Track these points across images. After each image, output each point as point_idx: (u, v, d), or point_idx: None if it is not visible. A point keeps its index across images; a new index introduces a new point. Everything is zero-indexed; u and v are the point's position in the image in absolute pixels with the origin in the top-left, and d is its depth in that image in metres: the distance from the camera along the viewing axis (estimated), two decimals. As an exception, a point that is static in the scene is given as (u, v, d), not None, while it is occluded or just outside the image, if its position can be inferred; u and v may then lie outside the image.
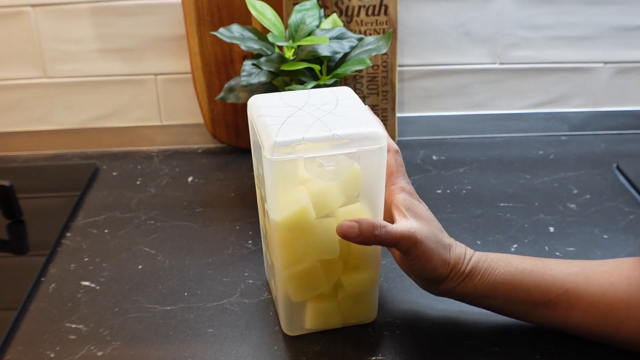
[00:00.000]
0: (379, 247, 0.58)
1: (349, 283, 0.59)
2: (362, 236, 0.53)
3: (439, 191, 0.84)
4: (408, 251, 0.54)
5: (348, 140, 0.52)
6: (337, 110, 0.56)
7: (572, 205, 0.80)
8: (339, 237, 0.53)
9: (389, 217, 0.57)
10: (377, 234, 0.53)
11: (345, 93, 0.59)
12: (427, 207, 0.58)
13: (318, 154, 0.52)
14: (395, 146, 0.59)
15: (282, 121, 0.53)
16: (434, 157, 0.93)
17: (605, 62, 0.97)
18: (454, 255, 0.56)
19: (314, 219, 0.54)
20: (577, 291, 0.55)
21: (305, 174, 0.54)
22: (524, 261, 0.57)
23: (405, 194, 0.57)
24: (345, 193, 0.55)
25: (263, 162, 0.53)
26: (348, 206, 0.55)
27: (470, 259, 0.57)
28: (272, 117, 0.54)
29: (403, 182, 0.58)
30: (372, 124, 0.54)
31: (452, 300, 0.64)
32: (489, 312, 0.62)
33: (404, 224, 0.54)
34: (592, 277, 0.56)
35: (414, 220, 0.55)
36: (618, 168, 0.89)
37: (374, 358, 0.58)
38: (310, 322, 0.60)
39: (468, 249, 0.58)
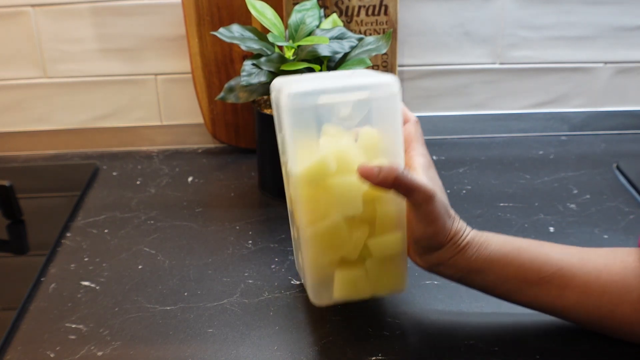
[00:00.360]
0: (404, 208, 0.58)
1: (376, 246, 0.58)
2: (382, 176, 0.53)
3: (439, 191, 0.84)
4: (420, 205, 0.54)
5: (361, 86, 0.55)
6: (354, 74, 0.60)
7: (572, 205, 0.80)
8: (361, 195, 0.55)
9: None
10: (398, 175, 0.53)
11: (365, 70, 0.64)
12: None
13: (333, 100, 0.54)
14: (415, 117, 0.60)
15: (301, 80, 0.58)
16: (434, 157, 0.93)
17: (605, 62, 0.97)
18: (455, 226, 0.57)
19: (335, 174, 0.55)
20: (571, 271, 0.55)
21: (324, 140, 0.56)
22: (519, 240, 0.58)
23: (424, 159, 0.58)
24: (367, 155, 0.57)
25: (282, 114, 0.55)
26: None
27: (468, 234, 0.57)
28: (290, 80, 0.58)
29: (422, 149, 0.59)
30: (385, 76, 0.56)
31: (452, 300, 0.64)
32: (488, 312, 0.62)
33: (422, 179, 0.55)
34: (587, 259, 0.56)
35: (430, 182, 0.56)
36: (618, 168, 0.89)
37: (374, 358, 0.58)
38: (338, 291, 0.59)
39: (467, 226, 0.58)
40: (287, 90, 0.54)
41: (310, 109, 0.54)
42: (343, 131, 0.56)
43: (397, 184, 0.53)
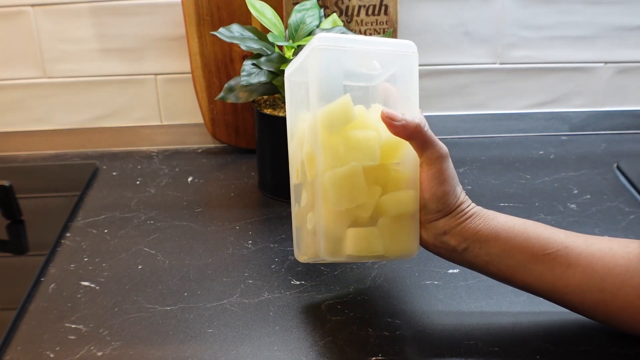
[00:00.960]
0: (417, 168, 0.58)
1: (389, 202, 0.58)
2: (405, 121, 0.55)
3: (439, 191, 0.84)
4: (434, 162, 0.56)
5: (386, 42, 0.58)
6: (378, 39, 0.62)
7: (573, 205, 0.80)
8: (379, 147, 0.57)
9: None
10: (419, 124, 0.55)
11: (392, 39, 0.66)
12: None
13: (361, 46, 0.57)
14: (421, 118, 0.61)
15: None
16: (434, 157, 0.93)
17: (605, 62, 0.97)
18: (462, 195, 0.59)
19: (354, 127, 0.57)
20: (576, 250, 0.55)
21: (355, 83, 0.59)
22: (525, 220, 0.58)
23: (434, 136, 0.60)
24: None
25: (311, 56, 0.57)
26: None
27: (475, 206, 0.59)
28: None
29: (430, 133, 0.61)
30: (405, 40, 0.59)
31: (452, 300, 0.64)
32: (488, 312, 0.62)
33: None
34: (592, 241, 0.56)
35: None
36: (618, 168, 0.89)
37: (374, 358, 0.58)
38: (351, 247, 0.58)
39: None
40: (319, 34, 0.56)
41: (338, 52, 0.56)
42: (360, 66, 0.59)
43: (416, 132, 0.55)
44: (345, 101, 0.56)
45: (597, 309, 0.56)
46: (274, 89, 0.80)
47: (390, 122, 0.55)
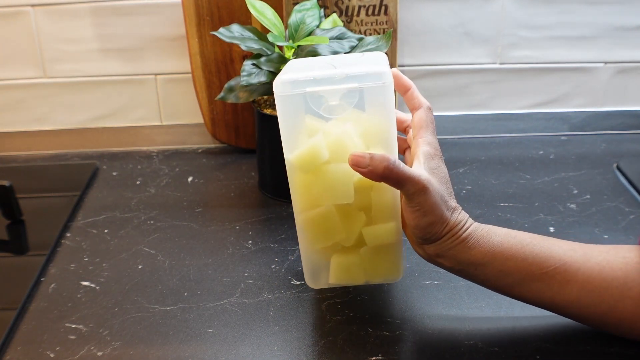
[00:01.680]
0: (398, 198, 0.58)
1: (370, 235, 0.58)
2: (372, 167, 0.53)
3: (439, 191, 0.84)
4: (412, 196, 0.54)
5: (352, 76, 0.54)
6: (355, 60, 0.59)
7: (572, 205, 0.80)
8: (353, 183, 0.56)
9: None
10: (387, 165, 0.52)
11: (375, 55, 0.61)
12: (446, 169, 0.58)
13: (321, 87, 0.55)
14: (427, 103, 0.60)
15: (298, 67, 0.58)
16: (434, 157, 0.93)
17: (605, 62, 0.97)
18: (454, 218, 0.56)
19: (327, 161, 0.56)
20: (574, 266, 0.55)
21: (317, 123, 0.56)
22: (522, 234, 0.57)
23: (429, 148, 0.57)
24: (365, 144, 0.57)
25: (275, 102, 0.55)
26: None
27: (469, 226, 0.56)
28: (292, 66, 0.59)
29: (430, 137, 0.58)
30: (379, 65, 0.55)
31: (452, 300, 0.64)
32: (488, 312, 0.62)
33: (417, 169, 0.55)
34: (590, 254, 0.56)
35: (429, 172, 0.55)
36: (618, 168, 0.89)
37: (374, 358, 0.58)
38: (334, 276, 0.60)
39: (470, 218, 0.58)
40: (279, 77, 0.55)
41: (298, 97, 0.55)
42: (327, 106, 0.56)
43: (386, 174, 0.53)
44: (314, 146, 0.55)
45: (596, 321, 0.56)
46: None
47: (357, 170, 0.53)
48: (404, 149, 0.65)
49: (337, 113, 0.56)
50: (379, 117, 0.56)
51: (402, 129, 0.65)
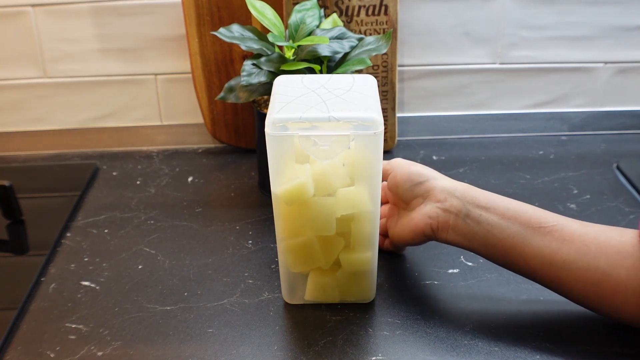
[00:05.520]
0: (376, 230, 0.61)
1: (346, 262, 0.62)
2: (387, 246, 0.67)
3: (439, 191, 0.84)
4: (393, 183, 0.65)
5: (342, 123, 0.55)
6: (347, 95, 0.58)
7: (572, 205, 0.80)
8: (337, 217, 0.58)
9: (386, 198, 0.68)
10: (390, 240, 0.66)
11: (365, 80, 0.62)
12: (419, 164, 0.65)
13: (313, 132, 0.55)
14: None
15: (290, 100, 0.57)
16: (434, 157, 0.93)
17: (605, 62, 0.97)
18: (441, 217, 0.61)
19: (312, 196, 0.58)
20: (571, 227, 0.57)
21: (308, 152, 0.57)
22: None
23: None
24: (350, 175, 0.59)
25: (266, 139, 0.56)
26: (347, 188, 0.58)
27: (455, 205, 0.62)
28: (284, 95, 0.58)
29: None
30: (371, 111, 0.55)
31: (452, 300, 0.64)
32: (488, 312, 0.62)
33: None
34: (586, 224, 0.58)
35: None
36: (618, 168, 0.89)
37: (374, 358, 0.58)
38: (309, 293, 0.63)
39: (457, 186, 0.63)
40: (271, 114, 0.55)
41: (290, 137, 0.55)
42: (318, 150, 0.57)
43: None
44: (301, 184, 0.57)
45: (590, 290, 0.56)
46: (274, 89, 0.80)
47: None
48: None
49: (327, 157, 0.57)
50: (366, 154, 0.57)
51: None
